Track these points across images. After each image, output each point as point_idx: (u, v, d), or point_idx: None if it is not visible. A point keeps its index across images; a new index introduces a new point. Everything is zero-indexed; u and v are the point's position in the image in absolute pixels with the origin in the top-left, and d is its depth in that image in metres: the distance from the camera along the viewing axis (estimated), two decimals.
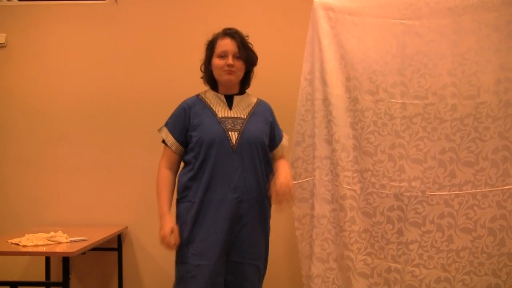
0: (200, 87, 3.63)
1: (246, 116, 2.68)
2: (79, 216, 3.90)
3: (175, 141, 2.68)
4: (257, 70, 3.74)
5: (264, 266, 2.73)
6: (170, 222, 2.56)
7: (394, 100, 2.94)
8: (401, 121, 2.93)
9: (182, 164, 2.76)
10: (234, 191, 2.58)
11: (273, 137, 2.78)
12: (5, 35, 3.98)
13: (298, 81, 3.15)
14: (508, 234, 2.77)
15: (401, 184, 2.90)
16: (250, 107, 2.73)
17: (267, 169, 2.69)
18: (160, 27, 3.95)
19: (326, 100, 3.02)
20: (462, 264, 2.81)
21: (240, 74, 2.71)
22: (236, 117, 2.66)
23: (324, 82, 3.03)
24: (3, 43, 3.98)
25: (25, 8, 4.04)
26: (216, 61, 2.66)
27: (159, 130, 2.74)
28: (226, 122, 2.63)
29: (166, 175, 2.69)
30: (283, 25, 3.88)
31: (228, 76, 2.66)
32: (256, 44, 3.85)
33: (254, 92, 3.63)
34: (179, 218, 2.66)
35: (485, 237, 2.79)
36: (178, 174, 2.73)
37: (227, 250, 2.58)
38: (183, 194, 2.66)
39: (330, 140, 3.02)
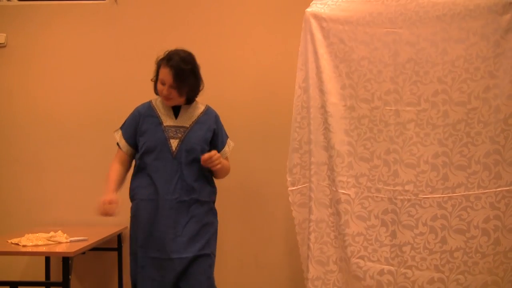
0: None
1: (189, 125, 3.03)
2: (79, 216, 3.99)
3: (125, 143, 3.08)
4: (253, 78, 3.92)
5: (213, 254, 3.07)
6: (111, 195, 2.91)
7: (388, 107, 3.07)
8: (395, 127, 3.06)
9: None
10: (173, 193, 2.95)
11: (216, 144, 3.14)
12: (5, 35, 4.10)
13: (293, 89, 3.27)
14: (503, 233, 2.87)
15: (395, 188, 3.03)
16: (195, 117, 3.08)
17: (205, 173, 3.06)
18: (160, 27, 4.07)
19: (321, 108, 3.17)
20: (456, 264, 2.92)
21: (178, 100, 3.03)
22: (179, 126, 3.02)
23: (319, 90, 3.17)
24: (3, 43, 4.09)
25: (25, 8, 4.14)
26: (158, 86, 3.00)
27: (115, 132, 3.13)
28: (170, 130, 3.00)
29: (116, 167, 3.11)
30: (278, 34, 4.01)
31: (166, 102, 3.01)
32: (250, 52, 4.03)
33: (250, 100, 3.81)
34: (131, 213, 3.06)
35: (479, 237, 2.89)
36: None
37: (174, 246, 2.92)
38: (131, 193, 3.05)
39: (326, 147, 3.16)
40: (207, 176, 3.10)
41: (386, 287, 3.05)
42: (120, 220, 3.87)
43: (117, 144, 3.15)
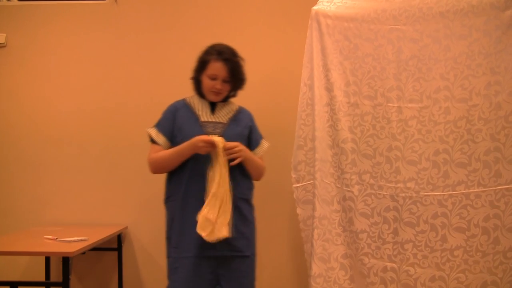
0: None
1: (227, 121, 2.98)
2: (79, 216, 3.99)
3: (165, 139, 2.95)
4: (259, 75, 3.90)
5: (253, 255, 3.01)
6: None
7: (391, 104, 3.08)
8: (397, 124, 3.06)
9: None
10: None
11: (250, 141, 3.07)
12: (5, 35, 4.08)
13: (298, 86, 3.29)
14: (503, 232, 2.84)
15: (397, 185, 3.03)
16: (231, 114, 3.03)
17: (243, 169, 2.97)
18: (160, 27, 4.06)
19: (326, 105, 3.18)
20: (456, 262, 2.90)
21: (226, 94, 2.99)
22: (217, 122, 2.96)
23: (324, 88, 3.18)
24: (3, 43, 4.07)
25: (25, 8, 4.12)
26: (206, 81, 2.93)
27: (149, 129, 3.01)
28: (208, 126, 2.92)
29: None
30: (283, 31, 4.00)
31: (215, 97, 2.95)
32: (256, 49, 4.02)
33: (255, 97, 3.80)
34: (167, 216, 2.98)
35: (479, 236, 2.87)
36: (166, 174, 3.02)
37: (213, 244, 2.81)
38: (168, 194, 2.99)
39: (330, 144, 3.18)
40: (246, 171, 3.01)
41: (389, 284, 3.05)
42: (120, 220, 3.98)
43: (151, 140, 3.02)
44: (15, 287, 3.35)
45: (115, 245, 3.95)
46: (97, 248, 3.68)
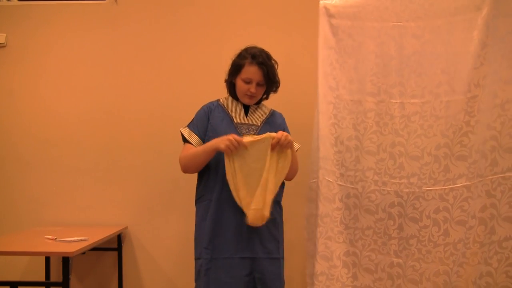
0: (199, 87, 3.80)
1: (260, 124, 2.96)
2: (79, 216, 3.98)
3: (198, 138, 2.91)
4: None
5: (282, 258, 2.97)
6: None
7: (394, 100, 3.11)
8: (400, 120, 3.09)
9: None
10: None
11: None
12: (5, 35, 4.07)
13: (304, 85, 3.31)
14: (498, 222, 2.76)
15: (400, 181, 3.05)
16: (264, 116, 3.02)
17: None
18: (160, 28, 4.06)
19: (329, 103, 3.21)
20: (458, 256, 2.89)
21: (260, 97, 2.98)
22: (251, 124, 2.94)
23: (328, 86, 3.21)
24: (3, 43, 4.07)
25: (25, 8, 4.12)
26: (240, 84, 2.90)
27: (182, 129, 2.97)
28: (242, 128, 2.91)
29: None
30: (283, 30, 3.99)
31: (249, 100, 2.94)
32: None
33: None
34: (197, 216, 2.94)
35: (476, 227, 2.81)
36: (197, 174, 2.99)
37: (247, 246, 2.82)
38: (201, 193, 2.94)
39: (333, 142, 3.20)
40: None
41: (396, 280, 3.07)
42: (120, 220, 3.97)
43: (184, 141, 2.98)
44: (15, 287, 3.33)
45: (115, 245, 3.94)
46: (97, 248, 3.67)
